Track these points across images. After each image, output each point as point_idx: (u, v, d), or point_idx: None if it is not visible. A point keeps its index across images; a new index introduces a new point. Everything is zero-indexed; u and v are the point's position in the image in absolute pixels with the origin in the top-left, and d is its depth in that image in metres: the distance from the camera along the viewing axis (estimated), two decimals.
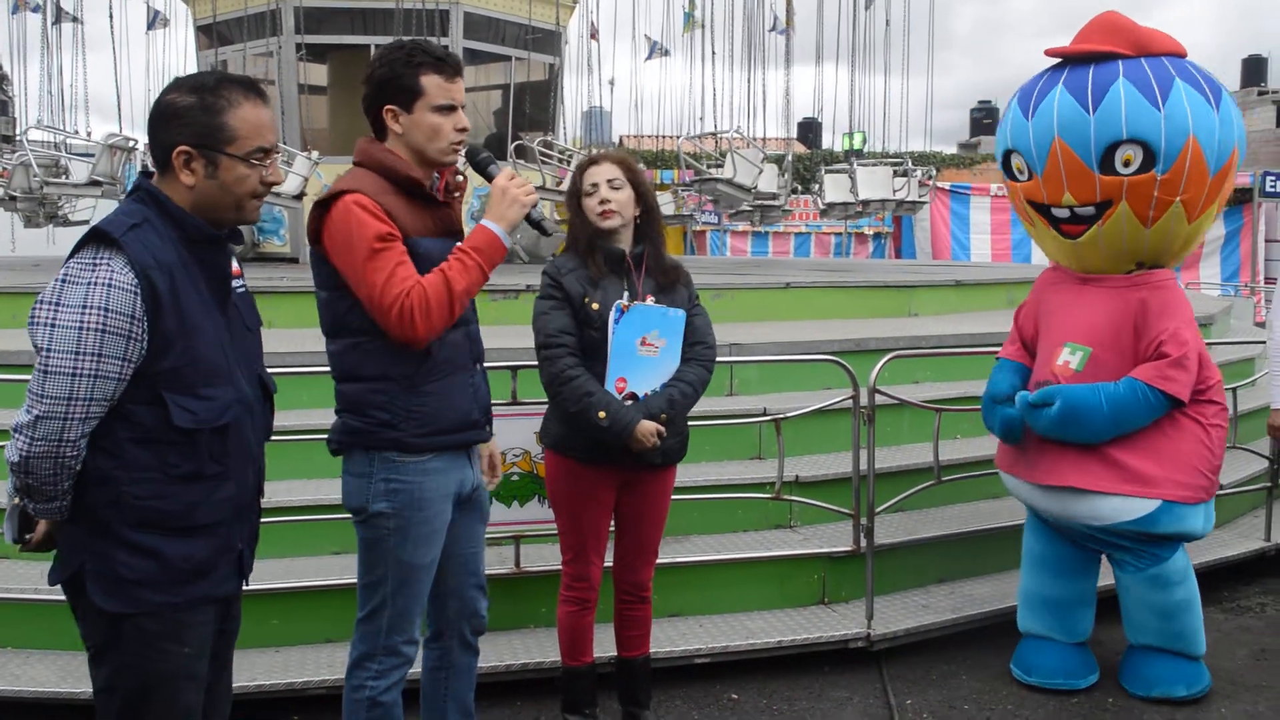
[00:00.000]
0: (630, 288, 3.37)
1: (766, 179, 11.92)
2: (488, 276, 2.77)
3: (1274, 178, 20.59)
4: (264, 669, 3.88)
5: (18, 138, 12.88)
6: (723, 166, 11.42)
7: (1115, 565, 4.01)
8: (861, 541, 4.45)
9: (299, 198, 9.37)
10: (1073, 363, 3.91)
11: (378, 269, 2.63)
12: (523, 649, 4.09)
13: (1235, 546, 5.40)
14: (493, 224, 2.77)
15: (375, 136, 2.85)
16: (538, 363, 3.37)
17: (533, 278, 6.85)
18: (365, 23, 10.69)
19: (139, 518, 2.21)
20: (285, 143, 9.72)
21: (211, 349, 2.27)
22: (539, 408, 3.63)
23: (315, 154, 9.74)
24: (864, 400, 4.39)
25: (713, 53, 16.83)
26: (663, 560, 3.73)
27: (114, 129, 13.34)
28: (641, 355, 3.35)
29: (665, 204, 12.92)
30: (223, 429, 2.28)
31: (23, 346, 4.84)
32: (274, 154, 2.34)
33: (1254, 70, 31.61)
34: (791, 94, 17.23)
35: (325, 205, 2.71)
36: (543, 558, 4.26)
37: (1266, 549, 5.50)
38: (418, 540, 2.81)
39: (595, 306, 3.32)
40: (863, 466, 4.42)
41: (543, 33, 11.52)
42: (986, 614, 4.57)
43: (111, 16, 14.64)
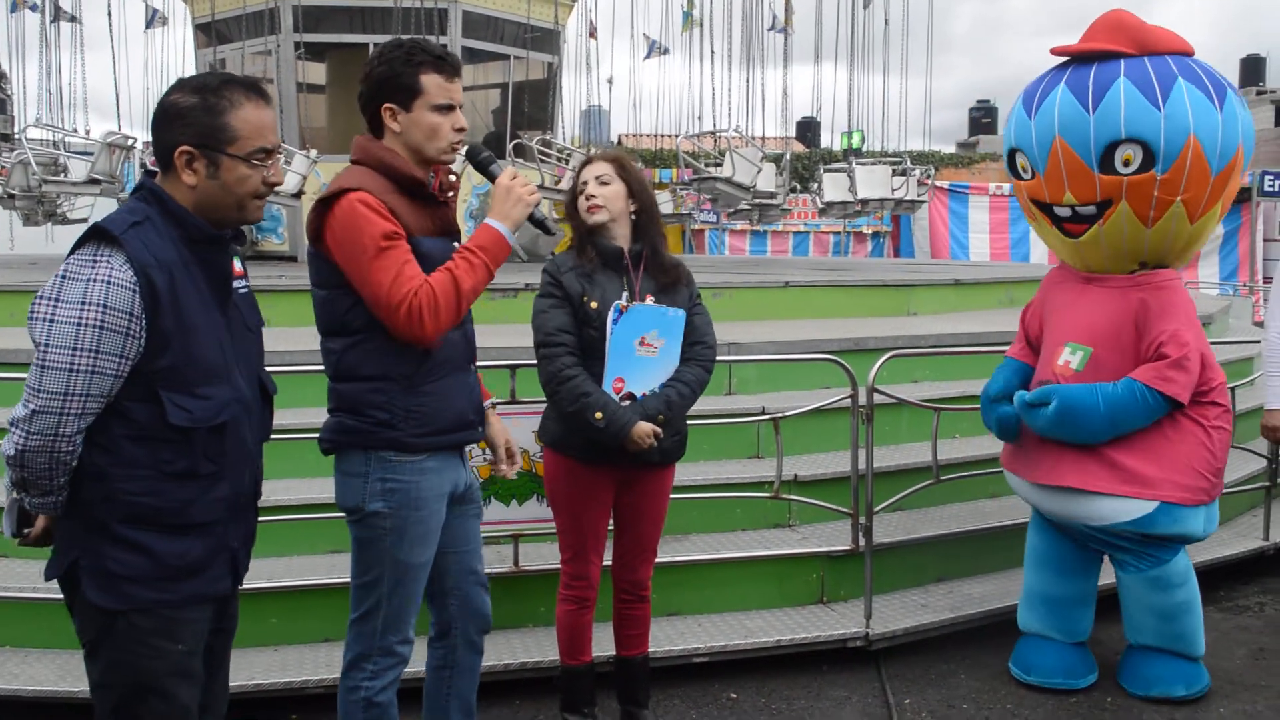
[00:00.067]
0: (629, 287, 3.37)
1: (765, 178, 11.93)
2: (493, 275, 2.77)
3: (1272, 177, 20.59)
4: (262, 668, 3.88)
5: (16, 136, 12.87)
6: (721, 165, 11.42)
7: (1116, 565, 4.01)
8: (860, 541, 4.45)
9: (297, 196, 9.37)
10: (1073, 363, 3.90)
11: (384, 268, 2.62)
12: (521, 648, 4.09)
13: (1233, 546, 5.40)
14: (497, 223, 2.77)
15: (372, 135, 2.84)
16: (536, 361, 3.37)
17: (531, 276, 6.85)
18: (364, 21, 10.69)
19: (132, 514, 2.21)
20: (283, 141, 9.71)
21: (209, 348, 2.27)
22: (538, 407, 3.63)
23: (314, 152, 9.74)
24: (863, 399, 4.39)
25: (711, 52, 16.86)
26: (661, 559, 3.73)
27: (113, 127, 13.37)
28: (640, 355, 3.34)
29: (664, 203, 12.93)
30: (219, 428, 2.28)
31: (21, 345, 4.85)
32: (276, 155, 2.34)
33: (1252, 70, 31.64)
34: (790, 93, 17.26)
35: (327, 203, 2.69)
36: (541, 557, 4.26)
37: (1265, 548, 5.50)
38: (414, 540, 2.80)
39: (594, 305, 3.31)
40: (861, 466, 4.42)
41: (541, 31, 11.52)
42: (985, 613, 4.56)
43: (110, 15, 14.67)
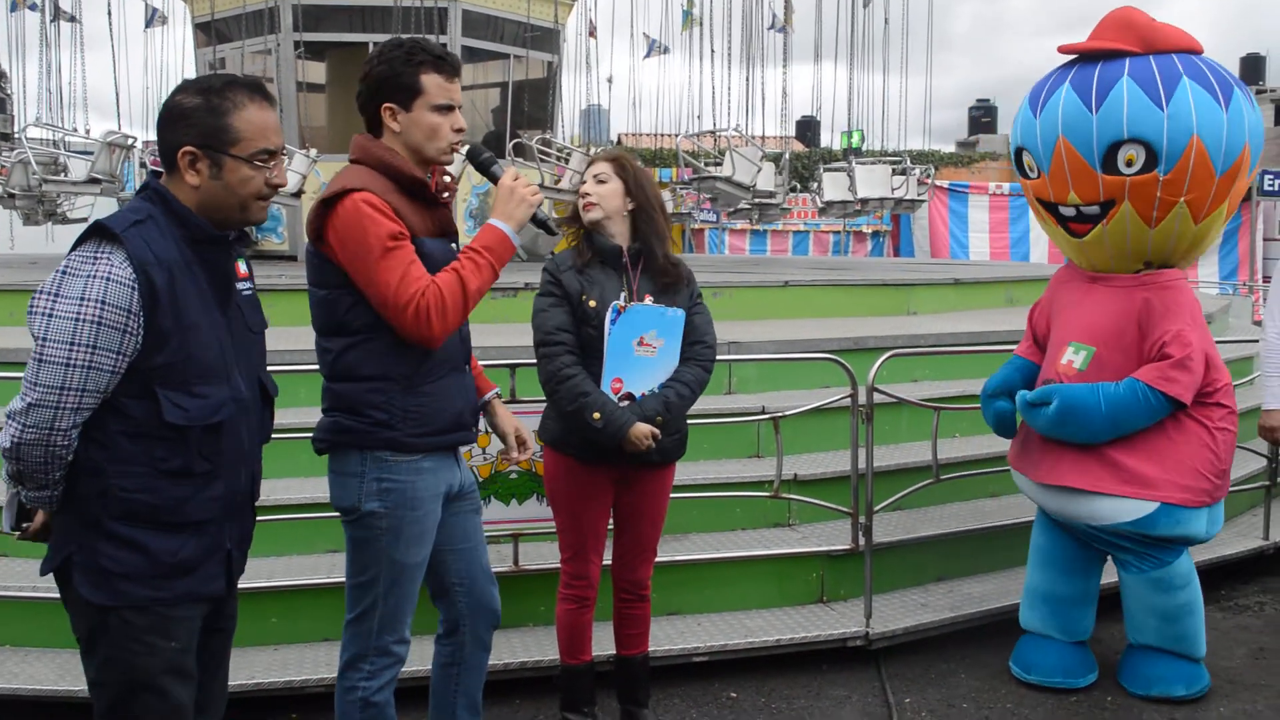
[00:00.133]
0: (627, 286, 3.37)
1: (765, 177, 11.92)
2: (498, 275, 2.77)
3: (1272, 176, 20.57)
4: (262, 667, 3.88)
5: (16, 135, 12.87)
6: (721, 165, 11.41)
7: (1119, 565, 4.01)
8: (860, 540, 4.45)
9: (297, 195, 9.35)
10: (1076, 362, 3.89)
11: (390, 268, 2.61)
12: (521, 647, 4.09)
13: (1233, 545, 5.39)
14: (501, 223, 2.77)
15: (370, 134, 2.83)
16: (536, 360, 3.37)
17: (531, 276, 6.85)
18: (364, 20, 10.68)
19: (125, 510, 2.22)
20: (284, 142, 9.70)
21: (208, 348, 2.27)
22: (538, 406, 3.63)
23: (314, 152, 9.73)
24: (862, 399, 4.39)
25: (711, 51, 16.84)
26: (661, 558, 3.73)
27: (113, 126, 13.37)
28: (639, 355, 3.34)
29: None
30: (215, 427, 2.29)
31: (21, 344, 4.85)
32: (279, 156, 2.34)
33: (1252, 69, 31.59)
34: (790, 92, 17.26)
35: (330, 203, 2.67)
36: (541, 556, 4.26)
37: (1265, 548, 5.50)
38: (410, 540, 2.80)
39: (593, 304, 3.31)
40: (861, 465, 4.42)
41: (541, 30, 11.51)
42: (985, 612, 4.57)
43: (110, 14, 14.67)
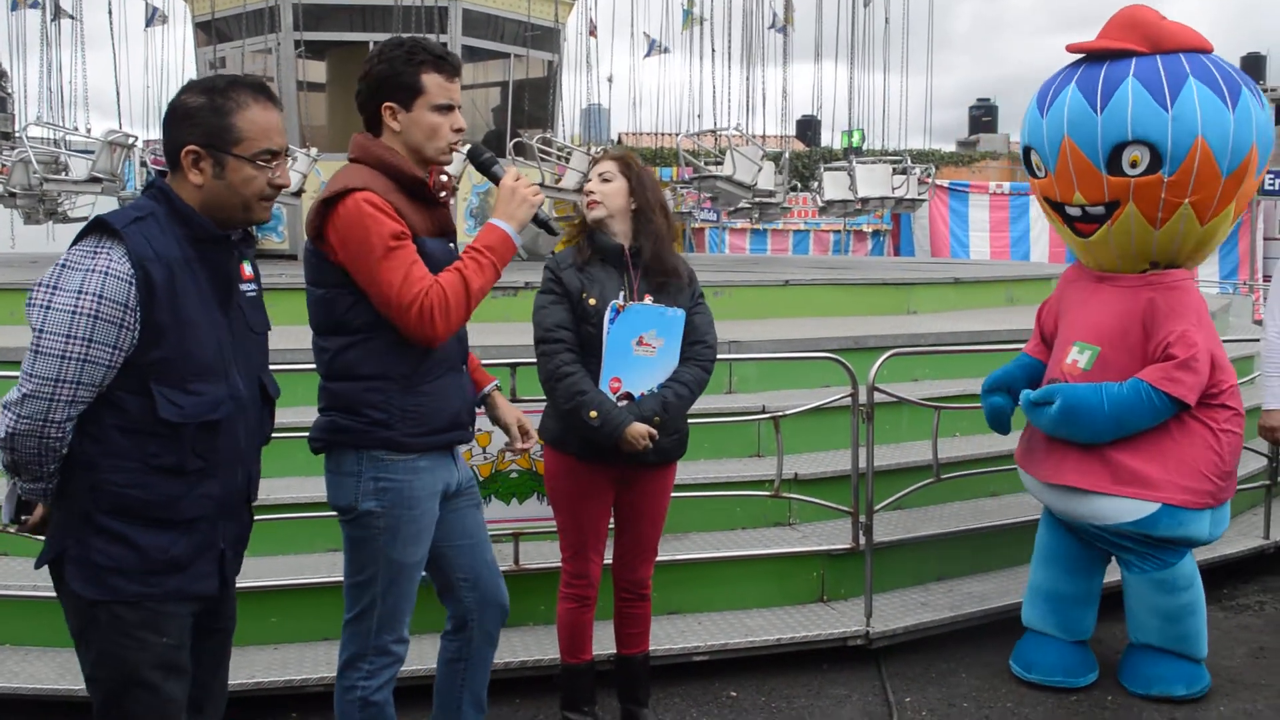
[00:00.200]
0: (628, 285, 3.37)
1: (765, 176, 11.92)
2: (500, 275, 2.77)
3: (1273, 175, 20.56)
4: (262, 666, 3.88)
5: (17, 134, 12.88)
6: (722, 164, 11.41)
7: (1122, 565, 4.01)
8: (860, 539, 4.45)
9: (298, 194, 9.36)
10: (1081, 362, 3.89)
11: (393, 268, 2.62)
12: (521, 646, 4.09)
13: (1234, 544, 5.39)
14: (503, 223, 2.77)
15: (369, 133, 2.82)
16: (536, 358, 3.37)
17: (531, 275, 6.85)
18: (364, 20, 10.69)
19: (118, 505, 2.23)
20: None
21: (205, 346, 2.27)
22: (538, 405, 3.63)
23: (314, 151, 9.73)
24: (863, 398, 4.38)
25: (712, 50, 16.86)
26: (661, 558, 3.73)
27: (113, 125, 13.37)
28: (638, 355, 3.33)
29: None
30: (211, 425, 2.29)
31: (22, 343, 4.83)
32: (282, 157, 2.34)
33: (1252, 68, 31.58)
34: (790, 91, 17.26)
35: (331, 202, 2.67)
36: (542, 555, 4.26)
37: (1265, 547, 5.50)
38: (407, 539, 2.80)
39: (592, 302, 3.31)
40: (861, 464, 4.41)
41: (541, 30, 11.51)
42: (985, 612, 4.56)
43: (110, 13, 14.68)
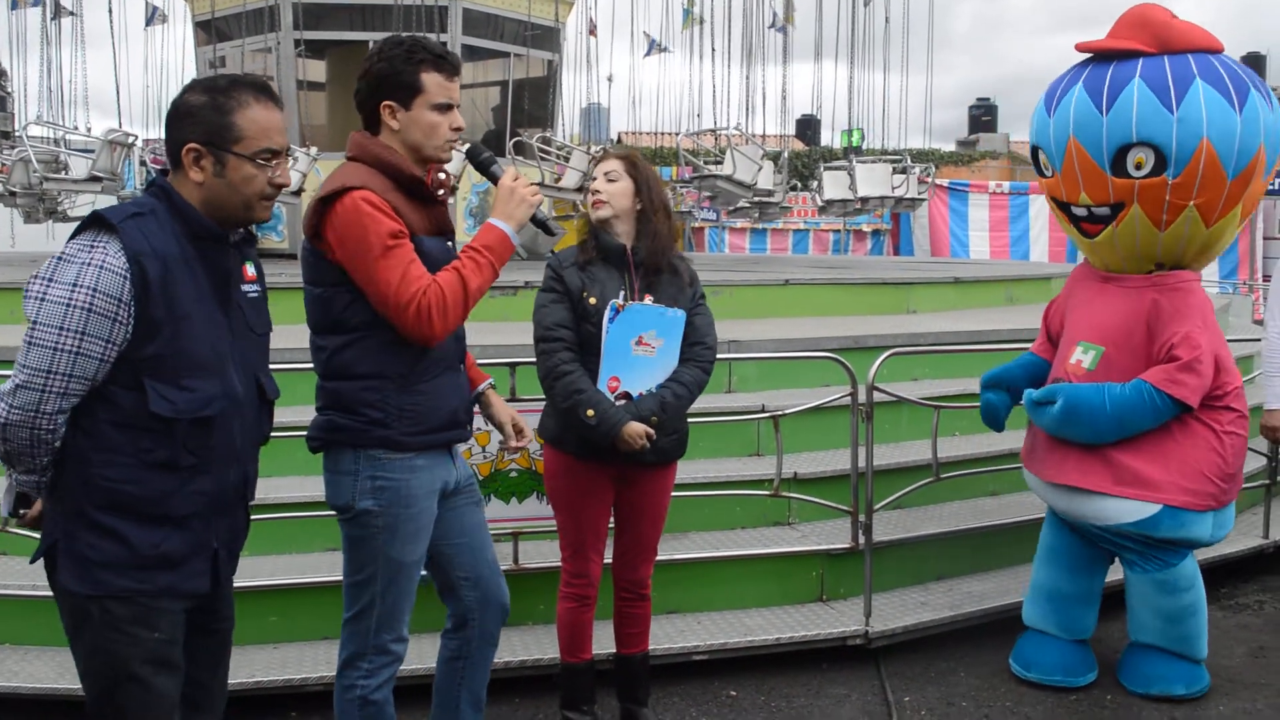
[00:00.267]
0: (628, 285, 3.37)
1: (765, 176, 11.92)
2: (498, 274, 2.77)
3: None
4: (262, 665, 3.88)
5: (17, 133, 12.87)
6: (722, 163, 11.40)
7: (1125, 564, 4.01)
8: (860, 539, 4.45)
9: (298, 193, 9.35)
10: (1085, 362, 3.89)
11: (391, 267, 2.62)
12: (521, 646, 4.09)
13: (1233, 544, 5.38)
14: (501, 222, 2.77)
15: (368, 131, 2.82)
16: (535, 356, 3.37)
17: (531, 274, 6.85)
18: (364, 19, 10.69)
19: (109, 500, 2.23)
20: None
21: (200, 342, 2.27)
22: (538, 404, 3.63)
23: (314, 150, 9.72)
24: (862, 397, 4.38)
25: (712, 49, 16.85)
26: (661, 557, 3.73)
27: (113, 124, 13.35)
28: (637, 355, 3.33)
29: None
30: (204, 422, 2.28)
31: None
32: (282, 156, 2.35)
33: (1253, 67, 31.59)
34: (790, 91, 17.26)
35: (328, 201, 2.66)
36: (541, 554, 4.26)
37: (1265, 546, 5.50)
38: (406, 537, 2.80)
39: (593, 301, 3.31)
40: (861, 463, 4.41)
41: (541, 29, 11.52)
42: (985, 611, 4.56)
43: (110, 12, 14.67)
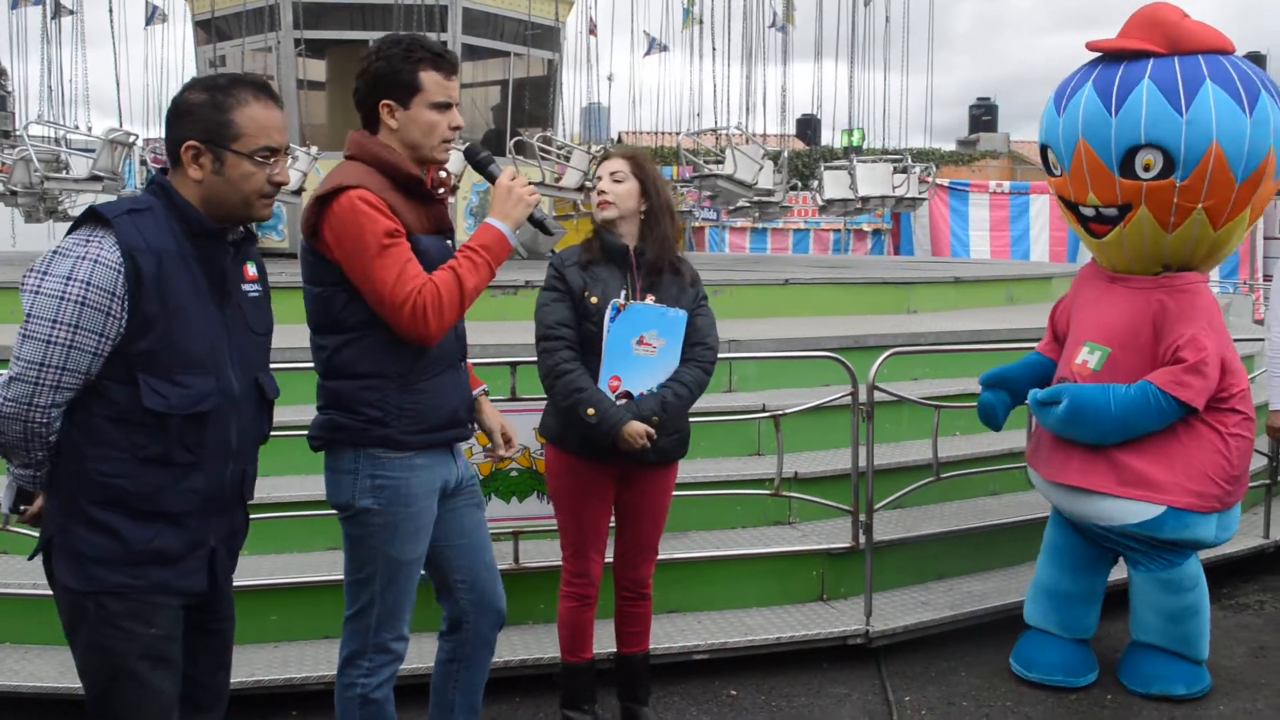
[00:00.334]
0: (630, 285, 3.37)
1: (765, 175, 11.92)
2: (495, 274, 2.77)
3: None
4: (263, 664, 3.88)
5: (17, 133, 12.87)
6: (722, 163, 11.40)
7: (1129, 563, 4.02)
8: (860, 538, 4.44)
9: (298, 193, 9.35)
10: (1090, 362, 3.88)
11: (387, 266, 2.62)
12: (522, 645, 4.09)
13: (1234, 544, 5.37)
14: (498, 222, 2.77)
15: (366, 130, 2.82)
16: (536, 355, 3.37)
17: (531, 274, 6.85)
18: (364, 18, 10.68)
19: (104, 495, 2.23)
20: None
21: (195, 339, 2.27)
22: (539, 404, 3.63)
23: (314, 149, 9.72)
24: (863, 397, 4.38)
25: (712, 49, 16.85)
26: (661, 556, 3.73)
27: (114, 124, 13.35)
28: (638, 354, 3.33)
29: None
30: (198, 418, 2.28)
31: None
32: (281, 155, 2.35)
33: None
34: (790, 90, 17.27)
35: (326, 200, 2.66)
36: (542, 554, 4.26)
37: (1265, 546, 5.51)
38: (405, 536, 2.80)
39: (594, 300, 3.31)
40: (861, 463, 4.41)
41: (541, 28, 11.51)
42: (985, 611, 4.56)
43: (111, 11, 14.68)
